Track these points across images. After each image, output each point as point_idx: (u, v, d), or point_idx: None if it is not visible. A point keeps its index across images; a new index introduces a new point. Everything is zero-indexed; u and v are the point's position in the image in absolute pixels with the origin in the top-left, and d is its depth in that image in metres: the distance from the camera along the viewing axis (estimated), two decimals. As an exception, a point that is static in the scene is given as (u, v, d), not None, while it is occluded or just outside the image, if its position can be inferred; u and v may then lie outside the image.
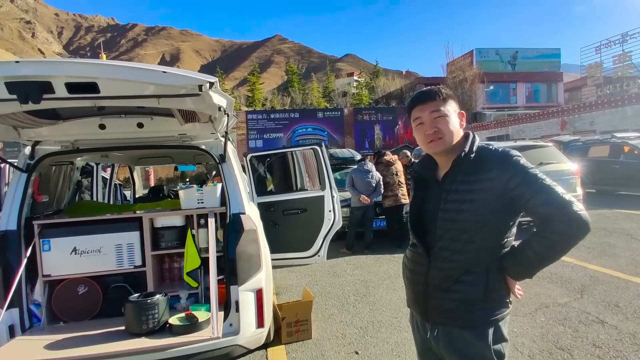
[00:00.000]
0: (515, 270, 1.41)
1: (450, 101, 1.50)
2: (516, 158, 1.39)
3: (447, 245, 1.44)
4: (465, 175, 1.43)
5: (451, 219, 1.43)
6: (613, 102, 18.11)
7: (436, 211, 1.47)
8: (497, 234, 1.42)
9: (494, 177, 1.37)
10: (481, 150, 1.45)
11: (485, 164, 1.40)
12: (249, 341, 2.77)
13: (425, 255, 1.50)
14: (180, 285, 3.21)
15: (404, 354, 3.26)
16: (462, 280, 1.42)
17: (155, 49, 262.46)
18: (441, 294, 1.46)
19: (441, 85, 1.51)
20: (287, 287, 5.17)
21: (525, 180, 1.34)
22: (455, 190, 1.44)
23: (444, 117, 1.47)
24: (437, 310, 1.49)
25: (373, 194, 6.68)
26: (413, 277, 1.58)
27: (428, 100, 1.49)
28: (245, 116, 27.25)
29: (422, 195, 1.59)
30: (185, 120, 2.80)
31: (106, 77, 1.89)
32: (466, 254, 1.41)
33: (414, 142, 20.11)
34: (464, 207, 1.40)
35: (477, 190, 1.39)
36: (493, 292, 1.43)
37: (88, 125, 2.95)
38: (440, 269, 1.46)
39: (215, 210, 3.17)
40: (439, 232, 1.46)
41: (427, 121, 1.49)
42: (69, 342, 2.55)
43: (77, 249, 2.96)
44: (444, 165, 1.53)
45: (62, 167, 3.72)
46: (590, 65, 21.42)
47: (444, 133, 1.46)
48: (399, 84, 46.56)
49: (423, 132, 1.50)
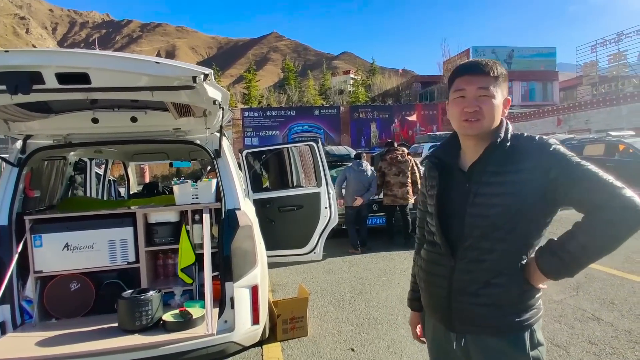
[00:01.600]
0: (554, 267, 1.23)
1: (502, 82, 1.31)
2: (555, 147, 1.24)
3: (475, 244, 1.28)
4: (497, 165, 1.27)
5: (481, 215, 1.27)
6: (608, 101, 18.20)
7: (462, 206, 1.31)
8: (533, 231, 1.28)
9: (531, 168, 1.22)
10: (516, 139, 1.29)
11: (521, 153, 1.25)
12: (244, 338, 2.75)
13: (449, 256, 1.33)
14: (174, 282, 3.18)
15: (400, 351, 3.25)
16: (493, 283, 1.27)
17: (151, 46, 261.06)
18: (469, 298, 1.30)
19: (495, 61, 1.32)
20: (283, 284, 5.14)
21: (567, 169, 1.19)
22: (486, 182, 1.27)
23: (491, 97, 1.28)
24: (465, 317, 1.32)
25: (366, 194, 6.62)
26: (433, 281, 1.41)
27: (479, 73, 1.29)
28: (241, 113, 27.14)
29: (443, 186, 1.39)
30: (179, 115, 2.76)
31: (97, 67, 1.85)
32: (497, 253, 1.26)
33: (411, 140, 20.06)
34: (496, 202, 1.25)
35: (511, 183, 1.23)
36: (528, 294, 1.29)
37: (80, 119, 2.90)
38: (467, 270, 1.30)
39: (210, 205, 3.13)
40: (466, 230, 1.29)
41: (470, 96, 1.29)
42: (61, 339, 2.51)
43: (69, 244, 2.91)
44: (470, 151, 1.36)
45: (55, 162, 3.67)
46: (586, 64, 21.52)
47: (485, 115, 1.28)
48: (395, 82, 46.62)
49: (461, 108, 1.31)
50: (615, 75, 20.00)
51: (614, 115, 17.46)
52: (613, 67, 20.04)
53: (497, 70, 1.30)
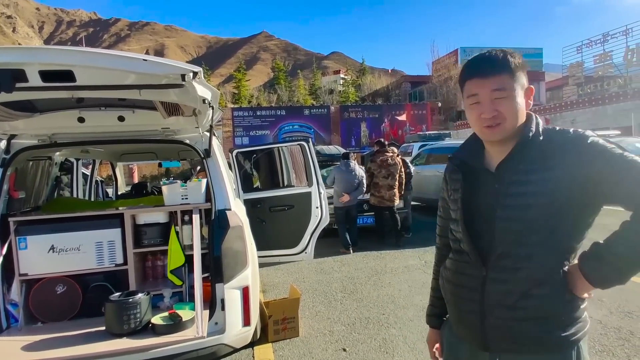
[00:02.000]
0: (601, 274, 1.10)
1: (520, 74, 1.16)
2: (594, 139, 1.11)
3: (509, 251, 1.15)
4: (530, 163, 1.14)
5: (515, 218, 1.13)
6: (594, 101, 18.48)
7: (491, 209, 1.18)
8: (575, 233, 1.15)
9: (569, 163, 1.09)
10: (549, 133, 1.17)
11: (556, 148, 1.13)
12: (235, 340, 2.71)
13: (480, 265, 1.19)
14: (163, 284, 3.13)
15: (391, 350, 3.24)
16: (532, 294, 1.12)
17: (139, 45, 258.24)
18: (505, 312, 1.15)
19: (510, 51, 1.19)
20: (274, 284, 5.11)
21: (610, 162, 1.06)
22: (518, 181, 1.14)
23: (509, 97, 1.15)
24: (501, 334, 1.17)
25: (354, 193, 6.62)
26: (462, 294, 1.26)
27: (490, 74, 1.15)
28: (231, 113, 26.97)
29: (468, 189, 1.26)
30: (168, 114, 2.71)
31: (82, 64, 1.80)
32: (535, 260, 1.12)
33: (401, 140, 20.14)
34: (531, 202, 1.12)
35: (547, 181, 1.11)
36: (573, 305, 1.14)
37: (66, 118, 2.84)
38: (502, 281, 1.16)
39: (199, 206, 3.09)
40: (498, 235, 1.16)
41: (485, 101, 1.16)
42: (48, 343, 2.46)
43: (55, 247, 2.85)
44: (496, 150, 1.23)
45: (40, 162, 3.59)
46: (572, 65, 21.80)
47: (506, 117, 1.15)
48: (385, 81, 46.74)
49: (478, 114, 1.18)
50: (600, 76, 20.31)
51: (599, 115, 17.73)
52: (599, 67, 20.34)
53: (511, 63, 1.15)
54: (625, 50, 18.87)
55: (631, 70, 18.87)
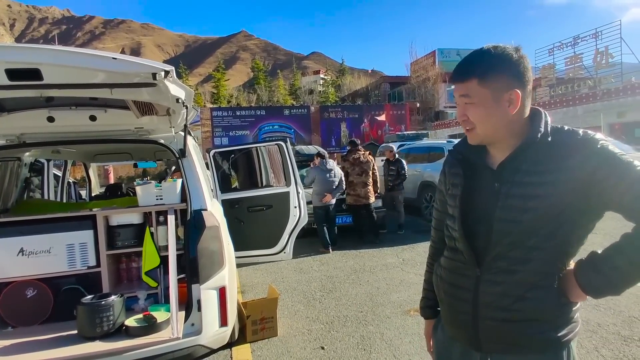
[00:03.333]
0: (596, 284, 1.08)
1: (490, 81, 1.10)
2: (602, 143, 1.07)
3: (506, 252, 1.12)
4: (534, 164, 1.10)
5: (514, 220, 1.10)
6: (565, 101, 19.06)
7: (490, 209, 1.15)
8: (575, 239, 1.12)
9: (574, 167, 1.05)
10: (557, 133, 1.12)
11: (563, 150, 1.08)
12: (212, 341, 2.69)
13: (474, 265, 1.18)
14: (138, 286, 3.08)
15: (369, 347, 3.28)
16: (527, 297, 1.11)
17: (115, 43, 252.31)
18: (499, 313, 1.14)
19: (493, 47, 1.14)
20: (253, 284, 5.09)
21: (617, 170, 1.03)
22: (519, 182, 1.11)
23: (472, 104, 1.13)
24: (494, 335, 1.16)
25: (334, 191, 6.68)
26: (455, 293, 1.24)
27: (458, 80, 1.15)
28: (210, 113, 26.67)
29: (468, 185, 1.23)
30: (141, 113, 2.68)
31: (50, 62, 1.76)
32: (532, 263, 1.10)
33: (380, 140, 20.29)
34: (531, 205, 1.08)
35: (549, 183, 1.07)
36: (567, 307, 1.14)
37: (35, 118, 2.77)
38: (497, 282, 1.14)
39: (175, 206, 3.06)
40: (495, 236, 1.13)
41: (459, 105, 1.18)
42: (18, 347, 2.41)
43: (24, 249, 2.77)
44: (497, 148, 1.20)
45: (8, 163, 3.48)
46: (544, 67, 22.37)
47: (474, 124, 1.15)
48: (365, 82, 47.09)
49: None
50: (571, 77, 20.91)
51: (570, 115, 18.29)
52: (569, 69, 20.96)
53: (478, 70, 1.11)
54: (594, 53, 19.50)
55: (600, 72, 19.52)
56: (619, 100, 16.25)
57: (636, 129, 15.50)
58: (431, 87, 32.43)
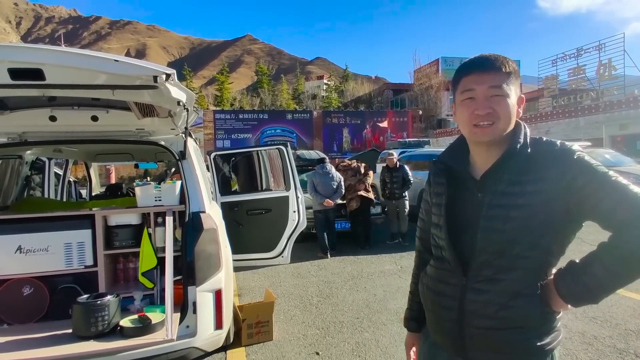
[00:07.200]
0: (575, 293, 1.10)
1: (514, 78, 1.15)
2: (580, 154, 1.11)
3: (490, 261, 1.14)
4: (515, 174, 1.13)
5: (497, 229, 1.12)
6: (567, 112, 19.09)
7: (474, 218, 1.17)
8: (557, 248, 1.15)
9: (553, 177, 1.09)
10: (536, 144, 1.16)
11: (543, 161, 1.12)
12: (207, 343, 2.70)
13: (460, 274, 1.19)
14: (135, 286, 3.08)
15: (364, 354, 3.27)
16: (511, 305, 1.12)
17: (120, 44, 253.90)
18: (484, 321, 1.15)
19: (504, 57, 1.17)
20: (250, 288, 5.09)
21: (593, 180, 1.07)
22: (502, 192, 1.13)
23: (505, 97, 1.13)
24: (479, 342, 1.17)
25: (334, 195, 6.71)
26: (441, 301, 1.25)
27: (489, 70, 1.13)
28: (213, 116, 26.78)
29: (452, 196, 1.24)
30: (142, 115, 2.70)
31: (52, 63, 1.79)
32: (517, 272, 1.12)
33: (381, 147, 20.37)
34: (514, 215, 1.11)
35: (531, 193, 1.10)
36: (550, 316, 1.15)
37: (37, 117, 2.79)
38: (482, 291, 1.15)
39: (173, 208, 3.07)
40: (479, 245, 1.15)
41: (481, 97, 1.14)
42: (13, 345, 2.41)
43: (22, 247, 2.78)
44: (481, 158, 1.21)
45: (10, 160, 3.52)
46: (547, 77, 22.43)
47: (500, 117, 1.13)
48: (368, 88, 47.28)
49: (471, 111, 1.15)
50: (574, 89, 20.97)
51: (572, 126, 18.32)
52: (572, 80, 21.01)
53: (509, 65, 1.14)
54: (597, 65, 19.57)
55: (603, 84, 19.58)
56: (621, 112, 16.27)
57: (638, 142, 15.51)
58: (434, 95, 32.53)
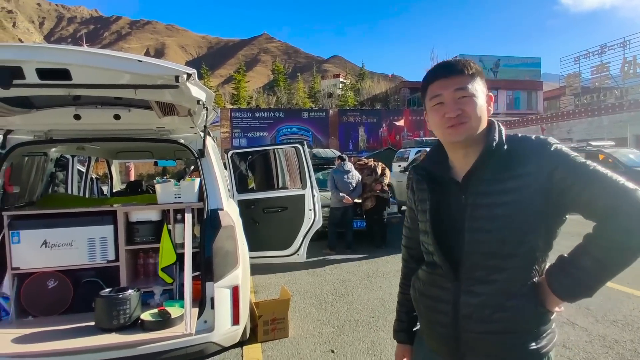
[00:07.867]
0: (567, 287, 1.10)
1: (479, 79, 1.19)
2: (556, 146, 1.12)
3: (480, 262, 1.14)
4: (495, 172, 1.14)
5: (483, 229, 1.13)
6: (590, 111, 18.63)
7: (460, 220, 1.17)
8: (544, 243, 1.14)
9: (533, 172, 1.09)
10: (512, 141, 1.17)
11: (521, 156, 1.13)
12: (224, 338, 2.74)
13: (452, 277, 1.18)
14: (154, 281, 3.16)
15: (379, 353, 3.28)
16: (506, 307, 1.11)
17: (140, 43, 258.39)
18: (479, 325, 1.14)
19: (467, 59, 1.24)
20: (266, 285, 5.14)
21: (573, 170, 1.07)
22: (484, 192, 1.14)
23: (471, 97, 1.16)
24: (475, 347, 1.16)
25: (353, 193, 6.74)
26: (434, 306, 1.23)
27: (453, 74, 1.17)
28: (230, 114, 27.05)
29: (436, 200, 1.24)
30: (163, 113, 2.75)
31: (79, 63, 1.85)
32: (508, 271, 1.12)
33: (398, 145, 20.27)
34: (498, 213, 1.11)
35: (512, 190, 1.10)
36: (544, 317, 1.15)
37: (62, 115, 2.88)
38: (476, 293, 1.14)
39: (192, 205, 3.13)
40: (468, 247, 1.15)
41: (449, 101, 1.17)
42: (38, 336, 2.49)
43: (47, 242, 2.88)
44: (459, 160, 1.23)
45: (35, 158, 3.62)
46: (569, 75, 21.95)
47: (470, 117, 1.15)
48: (384, 87, 46.93)
49: (441, 115, 1.18)
50: (597, 87, 20.46)
51: (595, 125, 17.88)
52: (595, 78, 20.50)
53: (472, 67, 1.19)
54: (622, 62, 19.04)
55: (628, 82, 19.04)
56: (646, 111, 15.79)
57: (664, 142, 15.04)
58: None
